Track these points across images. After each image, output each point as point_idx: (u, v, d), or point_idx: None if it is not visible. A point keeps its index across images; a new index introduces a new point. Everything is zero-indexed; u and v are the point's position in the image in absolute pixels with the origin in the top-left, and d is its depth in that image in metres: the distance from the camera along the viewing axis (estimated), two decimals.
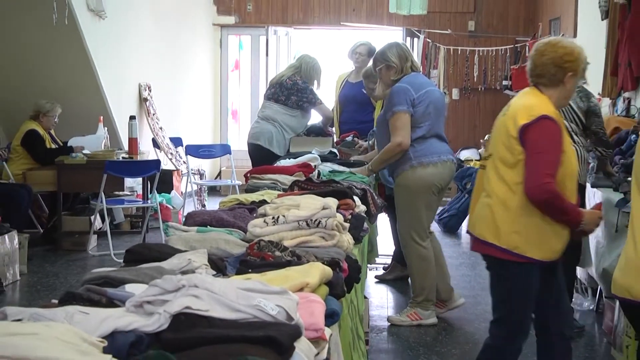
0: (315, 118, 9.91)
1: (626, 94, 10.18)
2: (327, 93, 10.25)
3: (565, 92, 5.11)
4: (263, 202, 5.44)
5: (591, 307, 8.33)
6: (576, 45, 5.21)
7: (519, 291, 5.17)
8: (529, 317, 5.24)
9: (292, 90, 9.44)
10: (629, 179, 7.04)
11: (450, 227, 11.84)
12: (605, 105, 10.74)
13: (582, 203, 6.11)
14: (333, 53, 11.62)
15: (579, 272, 8.44)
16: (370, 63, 8.78)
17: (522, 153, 4.99)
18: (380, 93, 8.07)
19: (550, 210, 4.96)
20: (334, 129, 9.98)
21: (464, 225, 10.74)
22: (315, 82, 9.69)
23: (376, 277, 8.64)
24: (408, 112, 7.38)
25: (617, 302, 6.69)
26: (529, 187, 4.93)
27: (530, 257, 5.02)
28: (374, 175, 8.21)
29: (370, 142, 9.12)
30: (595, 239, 7.59)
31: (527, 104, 5.10)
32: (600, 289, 7.83)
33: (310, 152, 8.42)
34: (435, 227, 9.67)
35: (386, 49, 7.77)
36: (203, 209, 7.67)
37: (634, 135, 7.67)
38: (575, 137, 7.56)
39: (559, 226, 5.01)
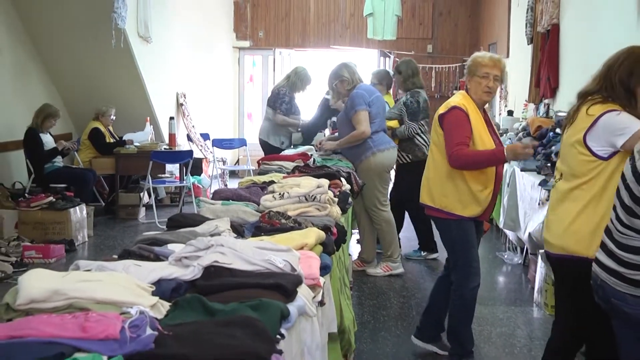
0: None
1: (546, 101, 10.17)
2: (315, 99, 10.18)
3: (473, 90, 5.09)
4: (272, 182, 5.42)
5: (519, 262, 8.33)
6: (478, 54, 5.20)
7: (459, 241, 5.19)
8: (475, 259, 5.19)
9: (276, 97, 9.42)
10: (549, 164, 7.09)
11: None
12: (530, 109, 10.77)
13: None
14: (325, 68, 11.62)
15: (511, 235, 8.45)
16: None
17: (442, 135, 5.06)
18: (334, 102, 8.10)
19: (474, 165, 4.98)
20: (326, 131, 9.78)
21: None
22: (300, 89, 9.59)
23: (357, 240, 8.62)
24: (366, 110, 7.44)
25: (539, 257, 6.70)
26: (448, 157, 4.98)
27: (458, 214, 5.05)
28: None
29: (330, 127, 9.35)
30: (523, 210, 7.61)
31: (450, 100, 5.20)
32: (527, 248, 7.85)
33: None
34: None
35: (338, 69, 7.79)
36: (225, 187, 7.66)
37: (551, 133, 7.66)
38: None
39: (476, 188, 5.02)
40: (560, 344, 4.15)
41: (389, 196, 7.99)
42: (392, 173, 8.48)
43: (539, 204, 6.87)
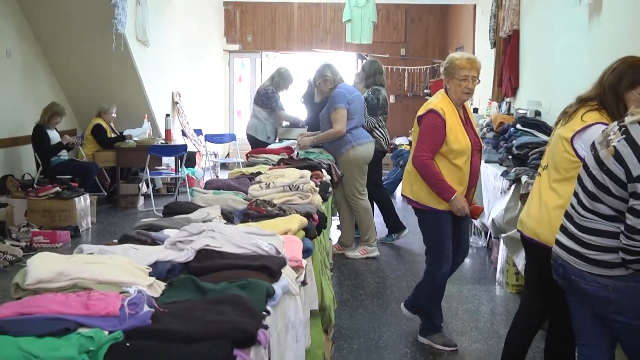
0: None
1: (508, 99, 10.21)
2: (296, 97, 10.14)
3: (453, 90, 5.05)
4: (259, 173, 5.42)
5: (484, 245, 8.39)
6: (455, 55, 5.12)
7: (433, 231, 5.20)
8: (447, 247, 5.19)
9: (264, 97, 9.41)
10: (510, 157, 7.12)
11: (389, 191, 11.78)
12: (494, 107, 10.80)
13: None
14: (308, 70, 11.62)
15: (476, 221, 8.48)
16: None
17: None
18: (318, 99, 8.08)
19: (426, 179, 5.00)
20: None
21: (399, 190, 10.74)
22: (284, 88, 9.60)
23: (337, 226, 8.64)
24: (345, 108, 7.46)
25: (501, 241, 6.73)
26: (414, 156, 5.04)
27: (433, 207, 5.06)
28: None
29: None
30: (487, 198, 7.64)
31: (429, 102, 5.15)
32: (490, 232, 7.88)
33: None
34: None
35: (322, 68, 7.81)
36: (217, 178, 7.68)
37: (512, 128, 7.69)
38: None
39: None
40: (525, 319, 4.18)
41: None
42: None
43: (501, 192, 6.89)
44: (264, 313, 2.60)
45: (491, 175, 7.43)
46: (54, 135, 10.01)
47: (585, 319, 3.30)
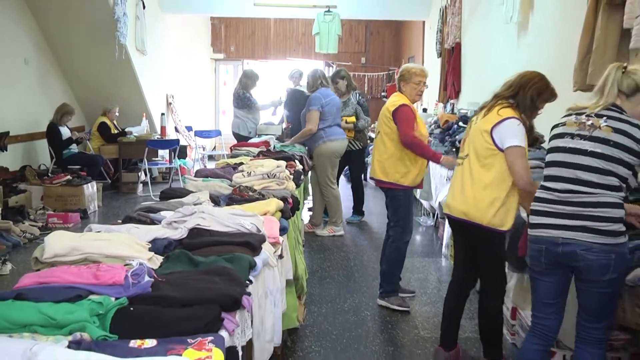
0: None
1: (452, 101, 10.27)
2: (265, 95, 10.08)
3: (409, 92, 5.19)
4: (241, 163, 5.42)
5: (432, 224, 8.40)
6: (411, 66, 5.30)
7: (403, 205, 5.30)
8: (411, 220, 5.37)
9: (238, 100, 9.36)
10: (454, 149, 7.16)
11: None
12: (440, 108, 10.85)
13: None
14: (282, 75, 11.63)
15: (425, 203, 8.51)
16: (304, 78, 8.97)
17: (394, 126, 5.11)
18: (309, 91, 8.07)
19: (416, 150, 5.07)
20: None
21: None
22: (252, 86, 9.49)
23: (309, 208, 8.64)
24: (318, 110, 7.45)
25: (446, 220, 6.76)
26: (402, 138, 5.07)
27: (404, 185, 5.17)
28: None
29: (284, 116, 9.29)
30: (434, 184, 7.68)
31: (393, 100, 5.21)
32: (437, 214, 7.93)
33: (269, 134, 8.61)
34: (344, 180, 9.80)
35: (308, 73, 7.91)
36: (205, 168, 7.65)
37: (455, 125, 7.75)
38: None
39: (416, 167, 5.17)
40: (457, 286, 4.24)
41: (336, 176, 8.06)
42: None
43: (446, 180, 6.94)
44: (247, 282, 2.61)
45: (438, 165, 7.46)
46: (65, 132, 9.92)
47: (556, 294, 3.30)
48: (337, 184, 8.08)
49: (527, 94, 3.76)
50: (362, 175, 9.10)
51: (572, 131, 3.19)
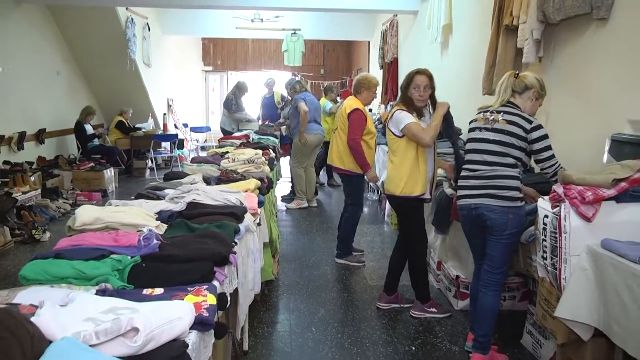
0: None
1: (391, 103, 10.23)
2: (253, 100, 10.02)
3: (364, 97, 5.17)
4: (227, 152, 5.40)
5: (376, 198, 8.43)
6: (367, 75, 5.27)
7: (355, 188, 5.34)
8: (362, 199, 5.45)
9: (227, 103, 9.27)
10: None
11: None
12: (382, 108, 10.88)
13: None
14: (258, 83, 11.52)
15: (372, 183, 8.56)
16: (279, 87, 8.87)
17: (347, 125, 5.11)
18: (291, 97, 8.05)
19: (354, 154, 5.07)
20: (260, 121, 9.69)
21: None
22: (241, 96, 9.37)
23: (282, 198, 8.61)
24: (303, 101, 7.46)
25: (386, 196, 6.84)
26: (348, 140, 5.08)
27: (358, 172, 5.16)
28: (286, 138, 8.32)
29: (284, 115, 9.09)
30: (378, 168, 7.68)
31: (350, 103, 5.17)
32: (381, 190, 7.97)
33: (249, 130, 8.49)
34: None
35: (293, 83, 7.89)
36: (198, 156, 7.63)
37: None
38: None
39: (369, 158, 5.16)
40: (401, 245, 4.30)
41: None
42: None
43: (386, 164, 6.99)
44: (233, 243, 2.63)
45: (380, 152, 7.52)
46: (88, 128, 9.78)
47: (482, 250, 3.36)
48: (317, 172, 8.02)
49: (402, 89, 3.92)
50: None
51: (481, 125, 3.28)
